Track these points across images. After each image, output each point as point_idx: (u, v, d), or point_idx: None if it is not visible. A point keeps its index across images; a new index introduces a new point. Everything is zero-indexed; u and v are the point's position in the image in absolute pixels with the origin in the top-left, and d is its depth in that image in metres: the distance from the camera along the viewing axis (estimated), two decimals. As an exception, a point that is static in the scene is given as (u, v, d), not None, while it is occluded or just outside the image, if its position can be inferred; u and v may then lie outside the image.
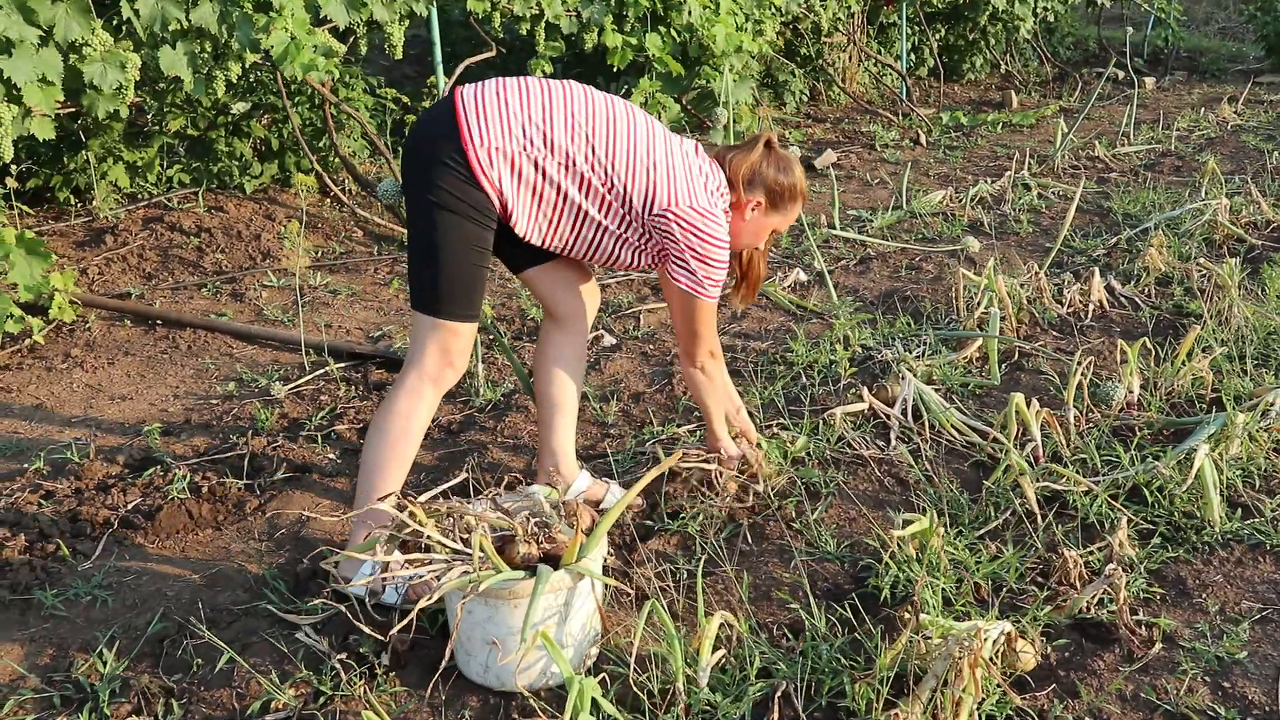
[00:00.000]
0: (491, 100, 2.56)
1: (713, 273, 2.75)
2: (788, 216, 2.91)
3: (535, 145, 2.55)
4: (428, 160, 2.55)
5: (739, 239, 2.89)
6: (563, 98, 2.60)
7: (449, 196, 2.53)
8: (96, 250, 5.21)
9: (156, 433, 3.55)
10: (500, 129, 2.53)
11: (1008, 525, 2.96)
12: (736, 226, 2.85)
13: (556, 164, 2.57)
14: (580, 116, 2.59)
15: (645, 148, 2.65)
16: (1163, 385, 3.72)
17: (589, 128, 2.59)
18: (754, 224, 2.87)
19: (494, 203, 2.57)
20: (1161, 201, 6.29)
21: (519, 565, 2.25)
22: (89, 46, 4.50)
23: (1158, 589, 2.68)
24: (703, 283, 2.75)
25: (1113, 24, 13.42)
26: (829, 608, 2.63)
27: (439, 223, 2.55)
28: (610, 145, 2.61)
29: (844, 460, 3.32)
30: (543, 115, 2.57)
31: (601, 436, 3.55)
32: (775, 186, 2.84)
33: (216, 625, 2.60)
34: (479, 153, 2.52)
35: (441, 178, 2.52)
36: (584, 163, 2.59)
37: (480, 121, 2.53)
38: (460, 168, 2.52)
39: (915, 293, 4.83)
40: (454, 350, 2.65)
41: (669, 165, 2.67)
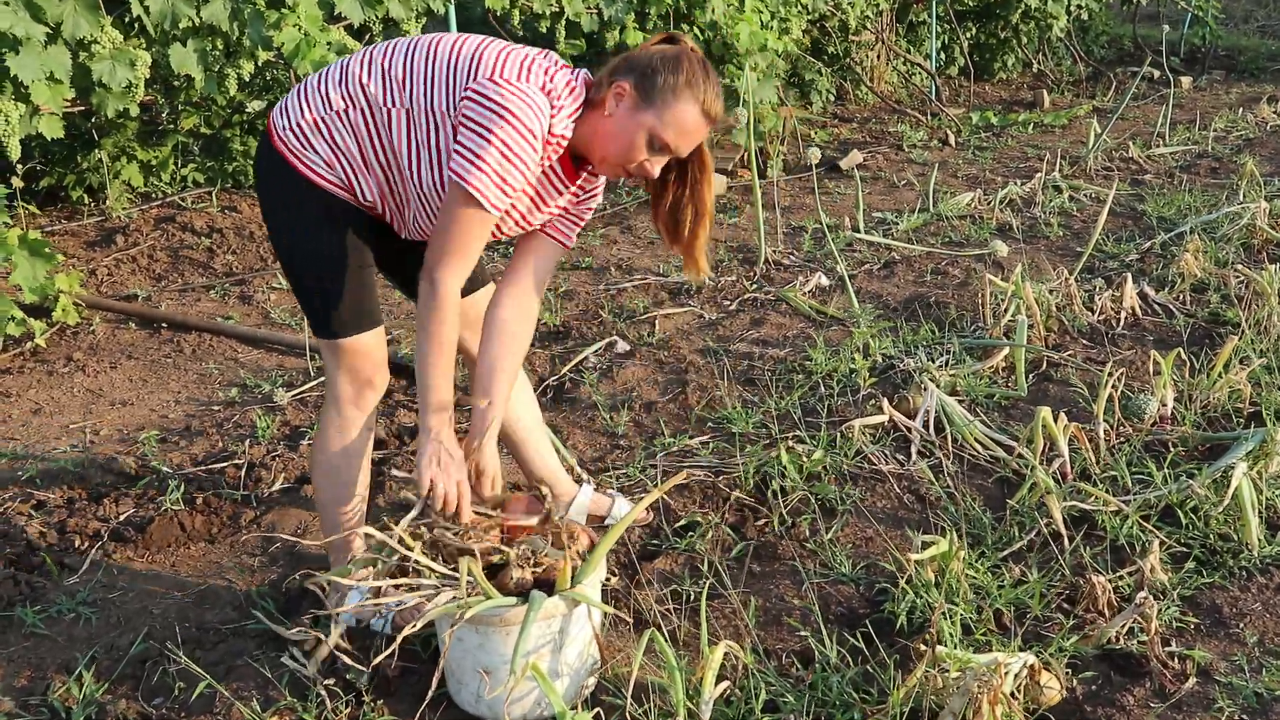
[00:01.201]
0: (292, 94, 2.31)
1: (487, 155, 2.11)
2: (667, 121, 2.21)
3: (329, 98, 2.23)
4: (259, 181, 2.36)
5: (604, 142, 2.25)
6: (366, 52, 2.29)
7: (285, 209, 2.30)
8: (107, 251, 5.14)
9: (154, 440, 3.46)
10: (298, 105, 2.27)
11: (1033, 547, 2.82)
12: (599, 126, 2.25)
13: (359, 107, 2.22)
14: (379, 56, 2.26)
15: (452, 50, 2.23)
16: (1198, 398, 3.56)
17: (386, 60, 2.25)
18: (620, 120, 2.22)
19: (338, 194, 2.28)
20: (1197, 204, 6.10)
21: (511, 591, 2.13)
22: (98, 44, 4.43)
23: (1192, 618, 2.53)
24: (471, 168, 2.12)
25: (1149, 22, 13.18)
26: (842, 634, 2.50)
27: (288, 240, 2.32)
28: (411, 60, 2.23)
29: (862, 475, 3.18)
30: (339, 71, 2.27)
31: (611, 448, 3.43)
32: (648, 68, 2.21)
33: (202, 645, 2.50)
34: (287, 142, 2.25)
35: (276, 192, 2.31)
36: (382, 91, 2.22)
37: (280, 111, 2.30)
38: (286, 173, 2.26)
39: (940, 299, 4.68)
40: (363, 369, 2.38)
41: (479, 56, 2.21)
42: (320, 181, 2.27)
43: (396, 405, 3.71)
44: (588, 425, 3.54)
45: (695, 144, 2.30)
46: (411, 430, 3.53)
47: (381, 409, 3.69)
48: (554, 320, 4.48)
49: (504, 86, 2.14)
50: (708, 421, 3.56)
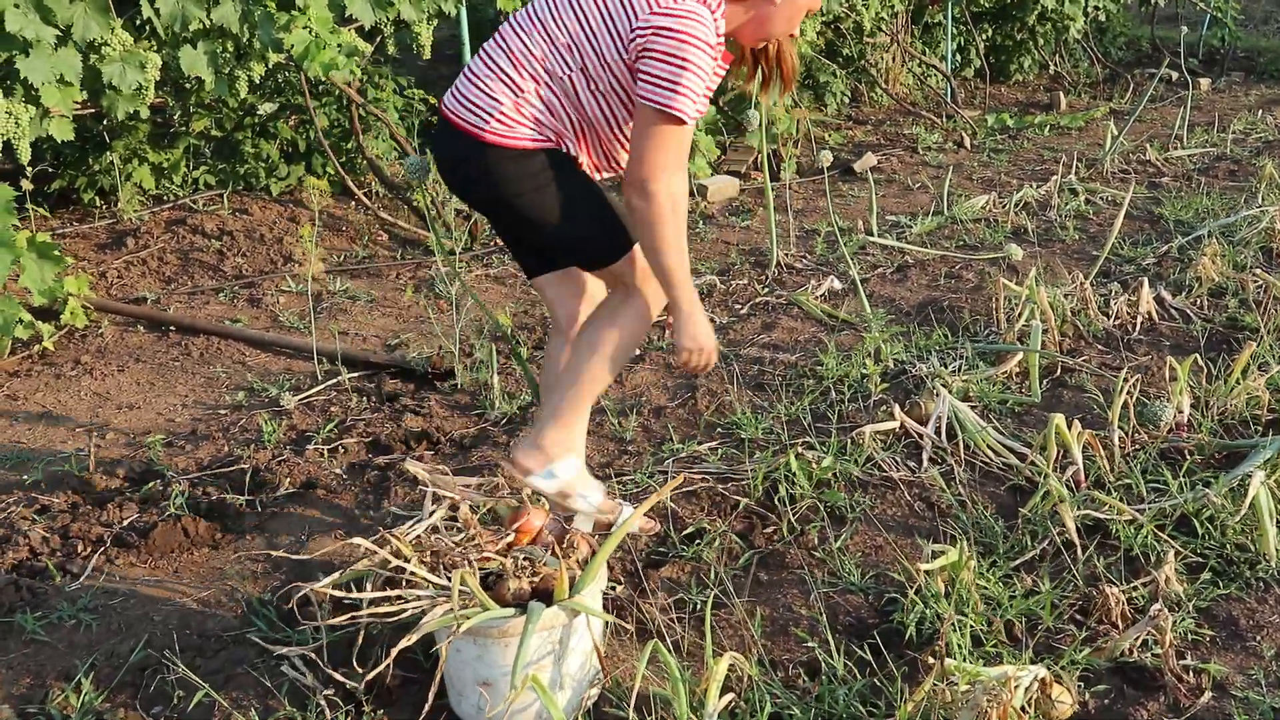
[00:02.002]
0: (466, 85, 2.49)
1: (683, 79, 2.30)
2: None
3: (517, 83, 2.43)
4: (474, 176, 2.51)
5: (771, 25, 2.49)
6: (513, 23, 2.48)
7: (520, 183, 2.47)
8: (118, 253, 5.13)
9: (159, 444, 3.45)
10: (489, 98, 2.44)
11: (1045, 556, 2.78)
12: (765, 14, 2.47)
13: (543, 82, 2.43)
14: (531, 23, 2.45)
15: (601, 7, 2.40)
16: (1215, 405, 3.51)
17: (543, 26, 2.43)
18: (787, 6, 2.47)
19: (551, 148, 2.48)
20: (1215, 208, 6.03)
21: (509, 601, 2.10)
22: (108, 46, 4.42)
23: (1207, 630, 2.49)
24: (670, 94, 2.30)
25: (1167, 24, 13.07)
26: (850, 645, 2.46)
27: (541, 204, 2.49)
28: (563, 20, 2.41)
29: (872, 483, 3.14)
30: (505, 55, 2.45)
31: (619, 453, 3.39)
32: None
33: (203, 654, 2.47)
34: (495, 131, 2.43)
35: (499, 177, 2.47)
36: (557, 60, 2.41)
37: (471, 109, 2.45)
38: (502, 156, 2.44)
39: (954, 303, 4.63)
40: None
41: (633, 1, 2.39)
42: (539, 145, 2.45)
43: (403, 410, 3.69)
44: (595, 430, 3.51)
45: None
46: (417, 435, 3.50)
47: (387, 414, 3.66)
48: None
49: (675, 13, 2.32)
50: (717, 427, 3.52)
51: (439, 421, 3.61)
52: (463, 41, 6.18)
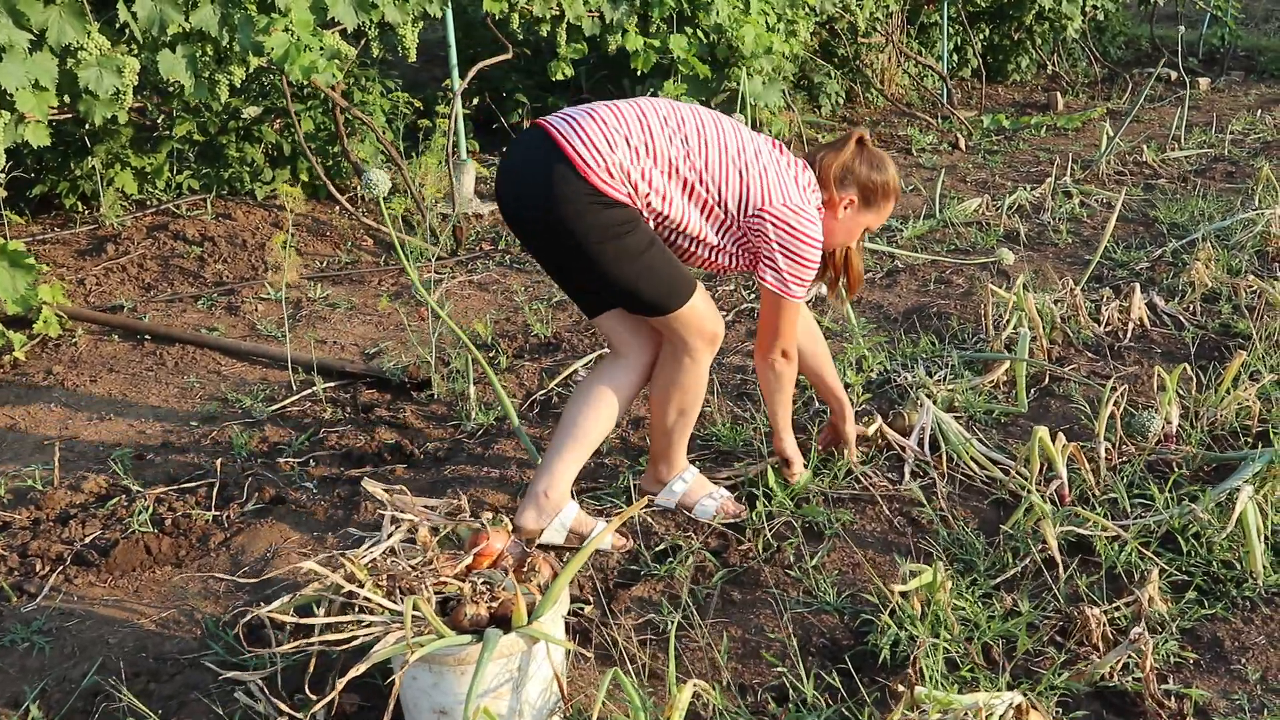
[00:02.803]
0: (585, 120, 2.59)
1: (801, 272, 2.73)
2: (881, 214, 2.90)
3: (640, 156, 2.59)
4: (552, 205, 2.56)
5: (833, 238, 2.88)
6: (651, 109, 2.65)
7: (601, 229, 2.57)
8: (97, 260, 5.07)
9: (127, 458, 3.38)
10: (607, 145, 2.56)
11: (1027, 574, 2.70)
12: (830, 226, 2.84)
13: (660, 171, 2.62)
14: (672, 123, 2.65)
15: (735, 149, 2.68)
16: (1205, 415, 3.44)
17: (682, 134, 2.64)
18: (848, 222, 2.87)
19: (637, 207, 2.62)
20: (1211, 210, 5.95)
21: (466, 628, 2.03)
22: (84, 50, 4.35)
23: (1190, 653, 2.42)
24: (788, 282, 2.73)
25: (1168, 22, 12.99)
26: (822, 668, 2.39)
27: (611, 253, 2.60)
28: (703, 148, 2.65)
29: (851, 497, 3.07)
30: (640, 126, 2.61)
31: (595, 465, 3.32)
32: (869, 184, 2.83)
33: (158, 678, 2.41)
34: (599, 173, 2.55)
35: (585, 217, 2.55)
36: (685, 167, 2.64)
37: (585, 143, 2.55)
38: (592, 197, 2.55)
39: (943, 309, 4.56)
40: (705, 321, 2.77)
41: (760, 165, 2.70)
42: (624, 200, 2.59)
43: (378, 421, 3.62)
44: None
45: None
46: (391, 447, 3.43)
47: (361, 425, 3.60)
48: (545, 331, 4.38)
49: (802, 215, 2.70)
50: (696, 439, 3.45)
51: (414, 433, 3.55)
52: (449, 44, 6.12)
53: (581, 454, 2.82)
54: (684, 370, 2.81)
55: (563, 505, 2.79)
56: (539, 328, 4.41)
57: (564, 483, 2.80)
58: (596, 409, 2.79)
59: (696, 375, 2.83)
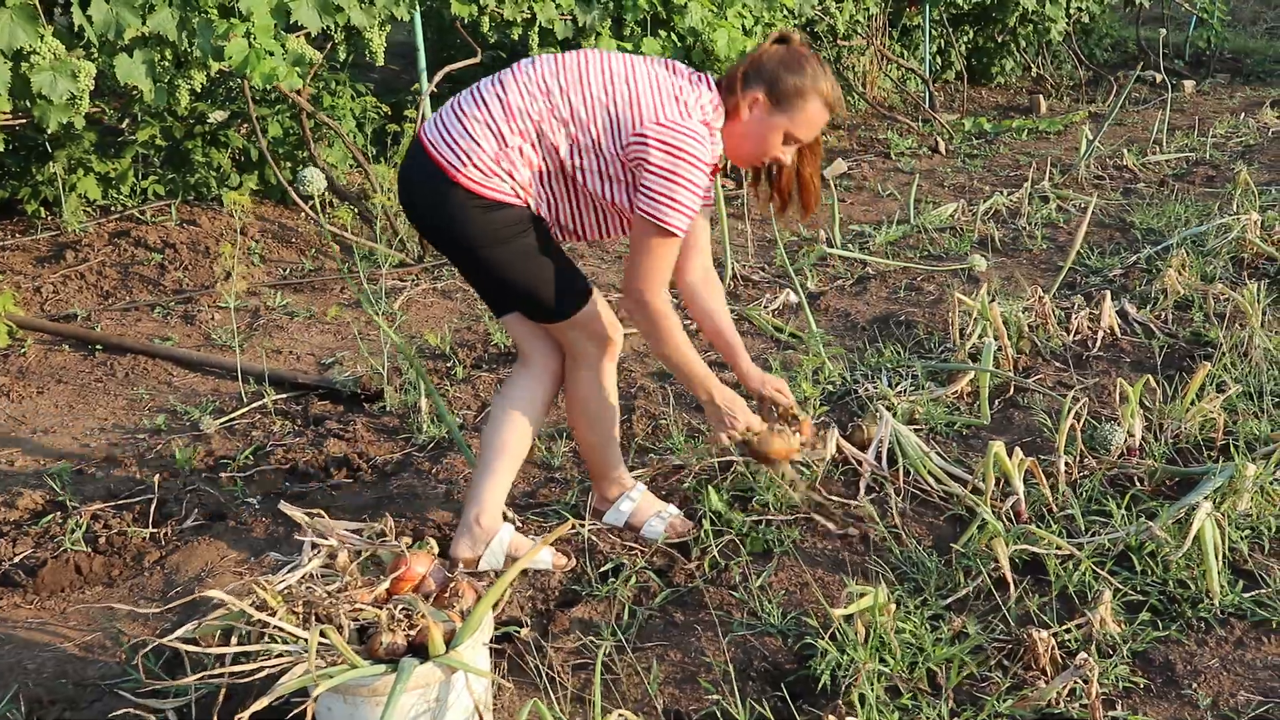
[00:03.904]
0: (452, 120, 2.52)
1: (675, 193, 2.42)
2: (799, 120, 2.52)
3: (504, 135, 2.47)
4: (436, 213, 2.54)
5: (741, 145, 2.58)
6: (513, 77, 2.52)
7: (486, 233, 2.50)
8: (56, 267, 4.99)
9: (67, 473, 3.30)
10: (471, 140, 2.48)
11: (979, 594, 2.63)
12: (734, 132, 2.56)
13: (530, 144, 2.49)
14: (534, 82, 2.50)
15: (603, 83, 2.49)
16: (1169, 428, 3.37)
17: (544, 89, 2.49)
18: (756, 125, 2.53)
19: (523, 203, 2.52)
20: (1188, 216, 5.89)
21: (381, 657, 1.96)
22: (38, 55, 4.27)
23: (1141, 677, 2.34)
24: (660, 205, 2.42)
25: (1155, 24, 12.93)
26: (763, 693, 2.32)
27: (499, 258, 2.54)
28: (568, 93, 2.48)
29: (804, 514, 2.99)
30: (500, 104, 2.49)
31: (545, 481, 3.25)
32: (776, 79, 2.50)
33: (76, 705, 2.33)
34: (470, 175, 2.47)
35: (462, 222, 2.50)
36: (554, 125, 2.48)
37: (451, 146, 2.49)
38: (471, 201, 2.48)
39: (911, 317, 4.49)
40: (599, 327, 2.66)
41: (632, 91, 2.48)
42: (509, 201, 2.50)
43: (327, 434, 3.55)
44: (524, 456, 3.37)
45: (819, 130, 2.60)
46: (338, 461, 3.36)
47: (310, 438, 3.52)
48: (505, 341, 4.30)
49: (676, 130, 2.42)
50: (650, 452, 3.38)
51: (363, 446, 3.47)
52: (418, 47, 6.05)
53: (506, 475, 2.74)
54: (584, 383, 2.73)
55: (496, 530, 2.72)
56: (499, 337, 4.34)
57: (494, 507, 2.73)
58: (511, 427, 2.72)
59: (598, 385, 2.74)
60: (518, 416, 2.72)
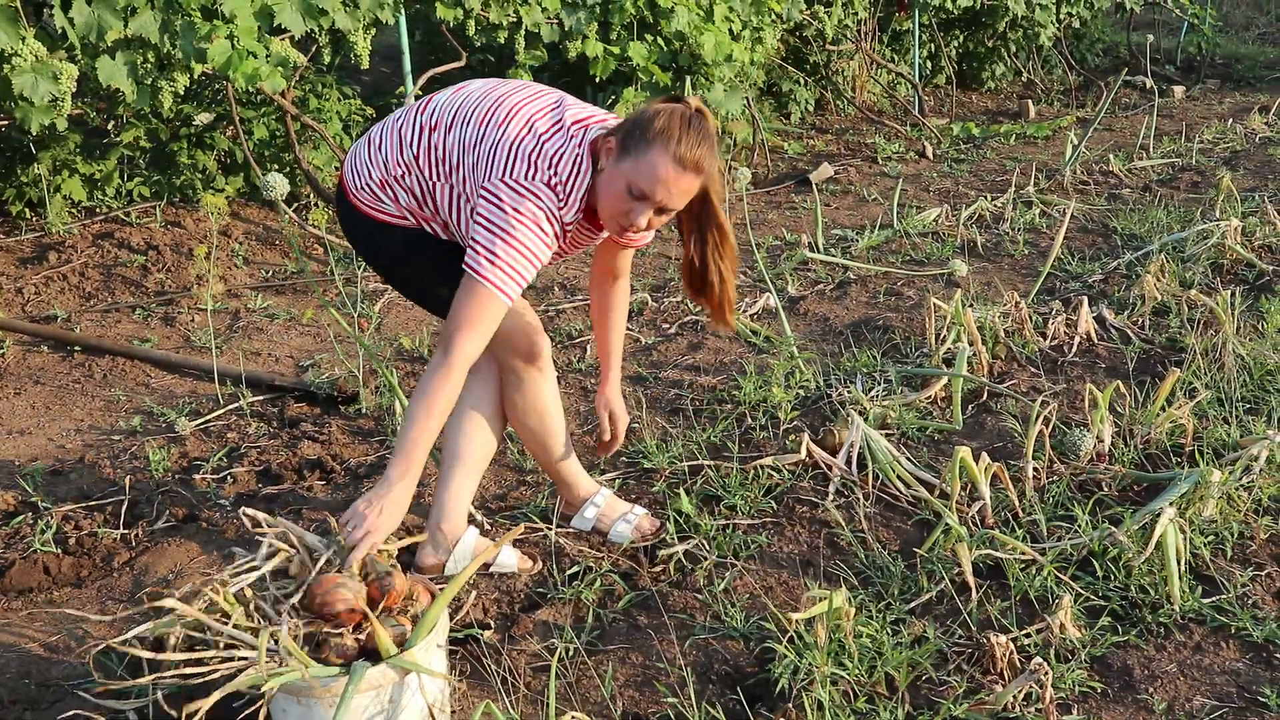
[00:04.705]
0: (361, 145, 2.62)
1: (496, 249, 2.28)
2: (641, 171, 2.28)
3: (388, 165, 2.55)
4: (349, 228, 2.67)
5: (600, 197, 2.39)
6: (418, 110, 2.55)
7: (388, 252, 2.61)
8: (39, 268, 5.00)
9: (40, 473, 3.31)
10: (367, 167, 2.57)
11: (942, 598, 2.65)
12: (598, 183, 2.38)
13: (414, 174, 2.52)
14: (427, 120, 2.51)
15: (480, 128, 2.41)
16: (1139, 433, 3.38)
17: (433, 128, 2.50)
18: (609, 174, 2.34)
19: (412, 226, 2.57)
20: (1171, 221, 5.91)
21: (333, 660, 1.97)
22: (19, 56, 4.28)
23: (1098, 682, 2.36)
24: (483, 262, 2.29)
25: (1146, 30, 12.96)
26: (722, 697, 2.33)
27: (405, 273, 2.64)
28: (446, 138, 2.47)
29: (772, 517, 3.01)
30: (396, 135, 2.56)
31: (517, 484, 3.26)
32: (631, 124, 2.32)
33: (36, 706, 2.34)
34: (363, 199, 2.58)
35: (367, 238, 2.61)
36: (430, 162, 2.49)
37: (353, 170, 2.60)
38: (366, 222, 2.59)
39: (889, 322, 4.50)
40: (514, 338, 2.60)
41: (498, 142, 2.37)
42: (399, 223, 2.57)
43: (302, 436, 3.56)
44: (496, 459, 3.38)
45: (678, 194, 2.34)
46: (312, 463, 3.37)
47: (284, 440, 3.54)
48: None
49: (513, 188, 2.32)
50: (622, 456, 3.39)
51: (337, 448, 3.48)
52: (403, 50, 6.06)
53: (467, 480, 2.74)
54: (516, 393, 2.71)
55: (459, 535, 2.73)
56: (478, 340, 4.35)
57: (456, 513, 2.73)
58: (469, 431, 2.72)
59: (531, 395, 2.71)
60: (475, 421, 2.73)
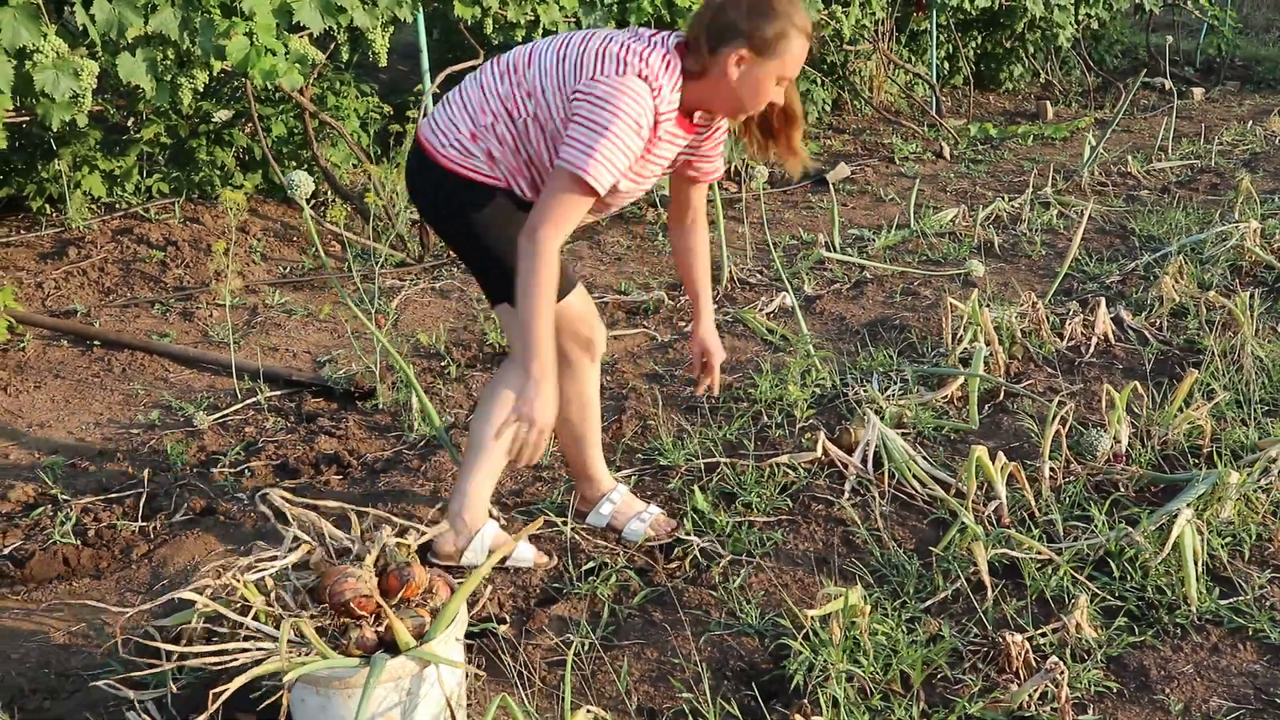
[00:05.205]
0: (439, 110, 2.64)
1: (596, 142, 2.36)
2: (787, 62, 2.46)
3: (477, 117, 2.56)
4: (428, 194, 2.67)
5: (735, 102, 2.51)
6: (494, 63, 2.60)
7: (464, 211, 2.60)
8: (58, 263, 5.03)
9: (60, 466, 3.34)
10: (452, 125, 2.59)
11: (958, 597, 2.65)
12: (727, 88, 2.47)
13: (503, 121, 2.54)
14: (506, 67, 2.57)
15: (558, 55, 2.50)
16: (1156, 434, 3.37)
17: (514, 69, 2.55)
18: (747, 80, 2.46)
19: (501, 188, 2.59)
20: (1189, 223, 5.88)
21: (352, 652, 1.98)
22: (40, 53, 4.31)
23: (1114, 682, 2.35)
24: (581, 155, 2.36)
25: (1165, 31, 12.90)
26: (737, 693, 2.33)
27: (477, 235, 2.62)
28: (528, 73, 2.52)
29: (788, 515, 3.01)
30: (478, 88, 2.58)
31: (532, 480, 3.27)
32: (753, 31, 2.41)
33: (56, 695, 2.36)
34: (449, 156, 2.58)
35: (449, 199, 2.61)
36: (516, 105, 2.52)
37: (434, 131, 2.61)
38: (452, 180, 2.58)
39: (905, 322, 4.50)
40: (578, 324, 2.72)
41: (581, 59, 2.46)
42: (487, 181, 2.58)
43: (319, 431, 3.57)
44: (513, 455, 3.39)
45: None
46: (329, 458, 3.39)
47: (302, 435, 3.55)
48: (501, 341, 4.33)
49: (606, 82, 2.39)
50: (638, 453, 3.40)
51: (354, 443, 3.50)
52: (420, 48, 6.08)
53: (491, 470, 2.75)
54: (565, 380, 2.72)
55: (480, 526, 2.74)
56: (494, 336, 4.36)
57: (478, 502, 2.74)
58: (496, 422, 2.67)
59: (579, 384, 2.78)
60: (502, 411, 2.72)
